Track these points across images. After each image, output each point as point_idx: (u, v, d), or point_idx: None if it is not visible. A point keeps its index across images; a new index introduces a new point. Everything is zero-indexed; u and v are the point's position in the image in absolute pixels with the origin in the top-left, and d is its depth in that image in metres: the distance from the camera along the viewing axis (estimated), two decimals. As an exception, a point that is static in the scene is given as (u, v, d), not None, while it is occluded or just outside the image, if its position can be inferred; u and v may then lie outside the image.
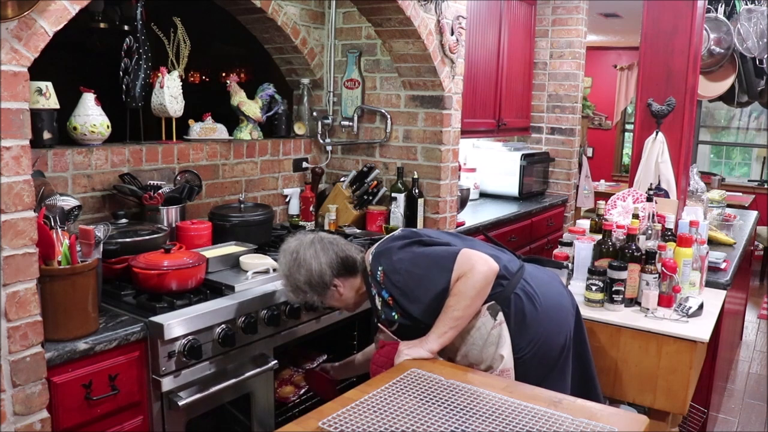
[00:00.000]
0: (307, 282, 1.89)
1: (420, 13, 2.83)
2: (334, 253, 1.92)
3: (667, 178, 3.16)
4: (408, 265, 1.84)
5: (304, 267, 1.89)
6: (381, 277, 1.86)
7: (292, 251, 1.92)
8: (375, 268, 1.88)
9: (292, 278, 1.90)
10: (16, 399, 1.50)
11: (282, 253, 1.95)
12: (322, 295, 1.93)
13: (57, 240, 1.67)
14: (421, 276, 1.82)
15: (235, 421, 2.11)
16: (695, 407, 2.75)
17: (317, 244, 1.92)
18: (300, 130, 3.23)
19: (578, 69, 4.82)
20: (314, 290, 1.90)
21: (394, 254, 1.87)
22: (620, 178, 8.41)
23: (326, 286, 1.91)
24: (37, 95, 2.10)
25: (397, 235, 1.95)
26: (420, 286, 1.81)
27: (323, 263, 1.89)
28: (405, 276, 1.83)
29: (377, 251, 1.91)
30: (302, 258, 1.89)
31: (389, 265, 1.86)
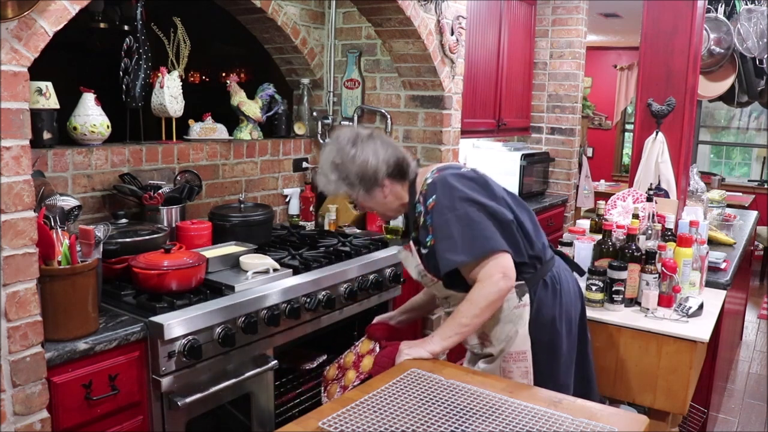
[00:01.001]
0: (360, 174, 1.80)
1: (420, 13, 2.83)
2: (393, 153, 1.85)
3: (667, 178, 3.16)
4: (451, 218, 1.73)
5: (361, 158, 1.80)
6: (431, 205, 1.77)
7: (350, 139, 1.83)
8: (430, 192, 1.78)
9: (344, 168, 1.81)
10: (16, 399, 1.50)
11: (335, 140, 1.86)
12: (368, 192, 1.84)
13: (57, 240, 1.67)
14: (452, 236, 1.72)
15: (235, 421, 2.10)
16: (695, 407, 2.75)
17: (378, 139, 1.85)
18: (300, 130, 3.24)
19: (578, 69, 4.82)
20: (363, 184, 1.82)
21: (451, 197, 1.75)
22: (620, 178, 8.41)
23: (376, 183, 1.83)
24: (37, 95, 2.10)
25: (468, 176, 1.81)
26: (446, 243, 1.73)
27: (381, 159, 1.81)
28: (444, 224, 1.74)
29: (441, 179, 1.79)
30: (361, 149, 1.81)
31: (441, 203, 1.75)
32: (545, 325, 1.84)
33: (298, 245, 2.64)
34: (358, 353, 1.98)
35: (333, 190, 1.87)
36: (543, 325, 1.83)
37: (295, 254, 2.46)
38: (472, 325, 1.74)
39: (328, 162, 1.83)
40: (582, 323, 1.99)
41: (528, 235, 1.83)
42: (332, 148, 1.85)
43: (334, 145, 1.85)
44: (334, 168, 1.82)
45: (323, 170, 1.86)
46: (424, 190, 1.81)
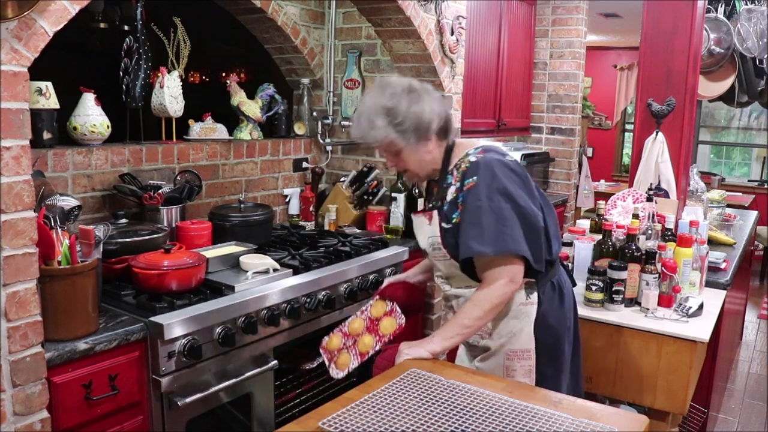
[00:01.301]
0: (414, 123, 1.72)
1: (420, 13, 2.83)
2: (444, 110, 1.78)
3: (667, 178, 3.16)
4: (485, 206, 1.67)
5: (418, 107, 1.72)
6: (469, 185, 1.71)
7: (405, 87, 1.74)
8: (471, 171, 1.72)
9: (397, 113, 1.71)
10: (16, 399, 1.50)
11: (386, 86, 1.75)
12: (414, 143, 1.75)
13: (57, 240, 1.67)
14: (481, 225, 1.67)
15: (235, 421, 2.10)
16: (695, 407, 2.75)
17: (433, 92, 1.78)
18: (300, 130, 3.23)
19: (578, 69, 4.82)
20: (413, 134, 1.73)
21: (491, 185, 1.69)
22: (620, 178, 8.41)
23: (426, 136, 1.76)
24: (37, 95, 2.10)
25: (511, 167, 1.75)
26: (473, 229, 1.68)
27: (435, 112, 1.74)
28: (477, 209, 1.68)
29: (486, 162, 1.72)
30: (419, 96, 1.73)
31: (479, 188, 1.69)
32: (550, 326, 1.82)
33: (298, 245, 2.64)
34: (370, 317, 1.87)
35: (376, 136, 1.74)
36: (548, 326, 1.82)
37: (295, 254, 2.46)
38: (474, 327, 1.74)
39: (377, 106, 1.72)
40: (576, 330, 1.99)
41: (550, 241, 1.81)
42: (382, 93, 1.73)
43: (384, 90, 1.74)
44: (385, 113, 1.71)
45: (367, 114, 1.73)
46: (464, 166, 1.74)
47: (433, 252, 1.84)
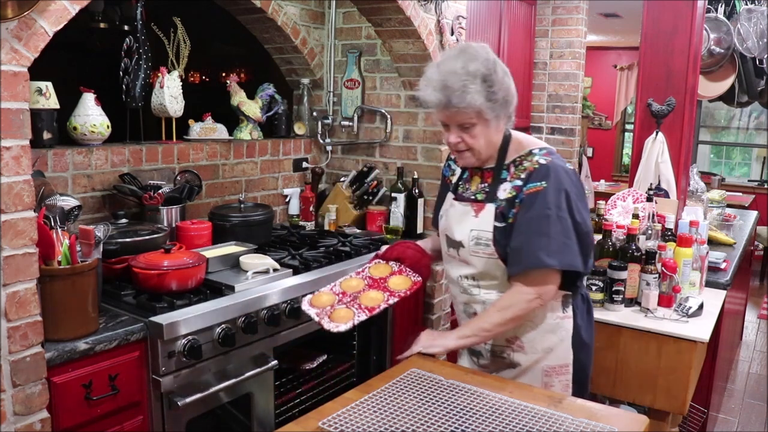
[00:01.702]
0: (505, 95, 1.64)
1: (420, 13, 2.83)
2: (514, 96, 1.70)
3: (667, 178, 3.16)
4: (556, 218, 1.60)
5: (507, 82, 1.65)
6: (537, 188, 1.62)
7: (491, 56, 1.65)
8: (540, 174, 1.63)
9: (494, 80, 1.61)
10: (16, 399, 1.50)
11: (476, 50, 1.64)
12: (496, 120, 1.65)
13: (57, 240, 1.67)
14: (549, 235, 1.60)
15: (235, 421, 2.10)
16: (695, 407, 2.75)
17: None
18: (300, 130, 3.23)
19: (578, 69, 4.82)
20: (501, 108, 1.64)
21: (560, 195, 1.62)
22: (620, 178, 8.41)
23: (507, 113, 1.68)
24: (37, 95, 2.10)
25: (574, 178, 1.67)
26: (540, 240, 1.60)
27: (513, 90, 1.68)
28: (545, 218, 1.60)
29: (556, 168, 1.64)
30: (504, 73, 1.65)
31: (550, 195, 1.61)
32: (583, 340, 1.78)
33: (298, 245, 2.64)
34: (371, 276, 1.70)
35: (470, 101, 1.58)
36: (581, 340, 1.78)
37: (295, 254, 2.46)
38: (493, 333, 1.68)
39: (473, 70, 1.59)
40: None
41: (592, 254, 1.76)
42: (474, 59, 1.61)
43: (476, 55, 1.62)
44: (483, 78, 1.59)
45: (459, 77, 1.58)
46: (531, 166, 1.65)
47: (475, 247, 1.70)
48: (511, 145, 1.74)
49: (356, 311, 1.54)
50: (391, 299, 1.57)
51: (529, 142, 1.76)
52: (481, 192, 1.74)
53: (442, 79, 1.60)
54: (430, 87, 1.62)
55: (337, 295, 1.59)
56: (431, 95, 1.62)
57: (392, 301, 1.57)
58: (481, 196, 1.74)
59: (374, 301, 1.57)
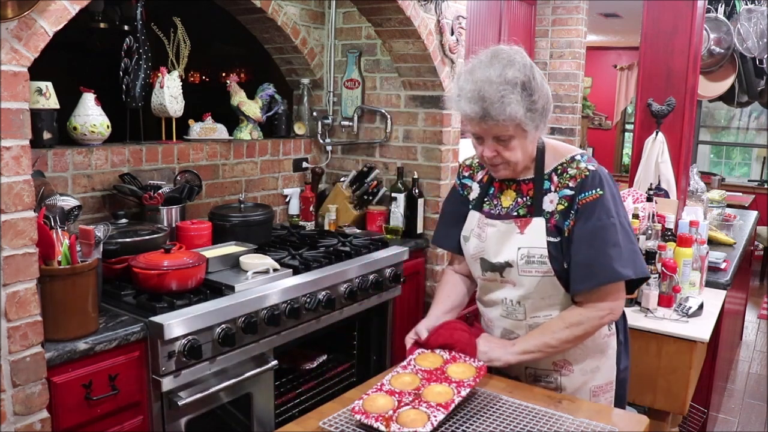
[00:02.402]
0: (545, 102, 1.51)
1: (420, 13, 2.83)
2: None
3: (667, 178, 3.16)
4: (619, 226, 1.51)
5: (545, 89, 1.52)
6: (593, 197, 1.50)
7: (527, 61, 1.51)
8: (594, 182, 1.52)
9: (534, 88, 1.48)
10: (16, 399, 1.50)
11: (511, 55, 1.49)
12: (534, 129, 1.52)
13: (57, 240, 1.67)
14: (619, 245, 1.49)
15: (235, 421, 2.10)
16: (695, 407, 2.75)
17: None
18: (300, 130, 3.23)
19: (578, 69, 4.82)
20: (541, 116, 1.51)
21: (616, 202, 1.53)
22: (620, 178, 8.39)
23: (545, 121, 1.54)
24: (37, 95, 2.10)
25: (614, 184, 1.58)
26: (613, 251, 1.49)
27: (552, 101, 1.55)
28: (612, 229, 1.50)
29: (605, 176, 1.55)
30: (542, 79, 1.52)
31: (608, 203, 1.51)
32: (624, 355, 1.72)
33: (298, 245, 2.64)
34: (422, 369, 1.50)
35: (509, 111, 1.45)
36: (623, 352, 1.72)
37: (295, 254, 2.46)
38: (559, 349, 1.57)
39: (512, 78, 1.45)
40: None
41: None
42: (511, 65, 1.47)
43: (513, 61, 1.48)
44: (522, 87, 1.46)
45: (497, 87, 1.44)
46: (582, 175, 1.53)
47: (527, 266, 1.57)
48: (547, 152, 1.61)
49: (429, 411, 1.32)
50: (463, 390, 1.39)
51: (565, 148, 1.64)
52: (522, 207, 1.61)
53: (477, 89, 1.46)
54: (464, 98, 1.48)
55: (394, 396, 1.39)
56: (466, 107, 1.48)
57: (464, 392, 1.39)
58: (523, 210, 1.60)
59: (445, 396, 1.37)
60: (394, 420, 1.30)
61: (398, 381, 1.45)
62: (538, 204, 1.57)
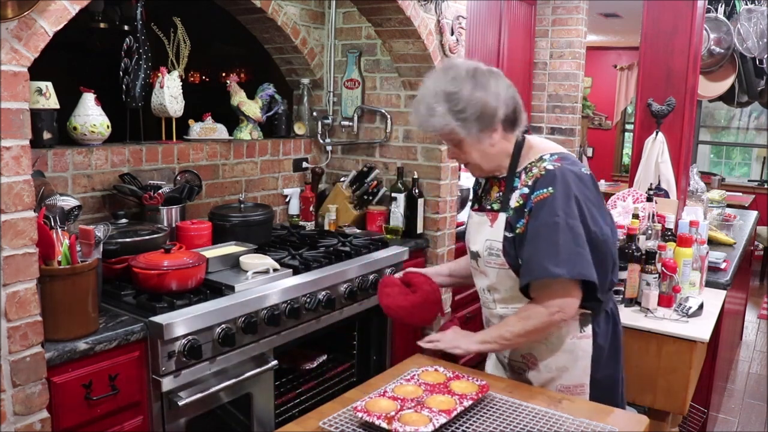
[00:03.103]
0: (479, 109, 1.55)
1: (420, 13, 2.83)
2: (513, 98, 1.62)
3: (667, 178, 3.16)
4: (563, 224, 1.53)
5: (482, 93, 1.55)
6: (544, 195, 1.56)
7: (469, 70, 1.58)
8: (547, 181, 1.57)
9: (459, 99, 1.54)
10: (16, 399, 1.50)
11: (449, 68, 1.61)
12: (480, 133, 1.59)
13: (57, 240, 1.67)
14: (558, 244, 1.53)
15: (235, 421, 2.11)
16: (695, 407, 2.75)
17: (501, 77, 1.61)
18: (300, 130, 3.23)
19: (578, 69, 4.82)
20: (478, 123, 1.56)
21: (568, 201, 1.55)
22: (620, 178, 8.41)
23: (491, 125, 1.58)
24: (37, 95, 2.10)
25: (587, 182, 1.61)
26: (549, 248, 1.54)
27: (501, 99, 1.58)
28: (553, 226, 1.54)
29: (563, 173, 1.57)
30: (485, 81, 1.57)
31: (557, 202, 1.54)
32: (604, 357, 1.70)
33: (298, 245, 2.64)
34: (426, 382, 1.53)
35: (435, 124, 1.57)
36: (602, 357, 1.70)
37: (295, 254, 2.46)
38: (513, 343, 1.65)
39: (438, 91, 1.56)
40: None
41: (615, 265, 1.69)
42: (445, 76, 1.58)
43: (447, 73, 1.58)
44: (447, 98, 1.55)
45: (426, 100, 1.58)
46: (538, 173, 1.59)
47: (489, 257, 1.67)
48: (524, 150, 1.67)
49: (431, 415, 1.36)
50: (465, 401, 1.43)
51: (543, 147, 1.68)
52: (496, 201, 1.70)
53: (416, 103, 1.62)
54: (412, 111, 1.64)
55: (397, 401, 1.43)
56: (411, 119, 1.66)
57: (466, 403, 1.42)
58: (497, 205, 1.69)
59: (447, 404, 1.41)
60: (396, 419, 1.33)
61: (401, 390, 1.48)
62: (506, 200, 1.66)
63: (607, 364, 1.71)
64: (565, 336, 1.67)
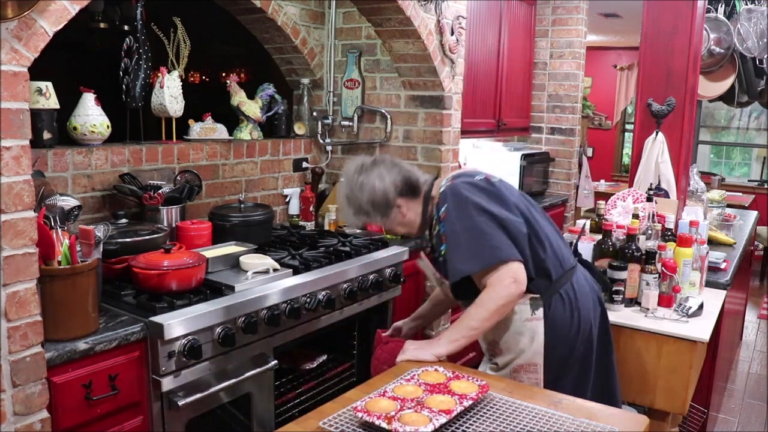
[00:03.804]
0: (371, 201, 1.85)
1: (420, 13, 2.83)
2: (398, 173, 1.88)
3: (667, 178, 3.16)
4: (460, 227, 1.74)
5: (368, 186, 1.85)
6: (443, 215, 1.78)
7: (355, 170, 1.89)
8: (442, 201, 1.80)
9: (355, 199, 1.86)
10: (16, 399, 1.50)
11: (344, 174, 1.93)
12: (386, 216, 1.88)
13: (57, 240, 1.67)
14: (461, 245, 1.73)
15: (235, 421, 2.10)
16: (695, 407, 2.75)
17: (381, 164, 1.88)
18: (300, 130, 3.23)
19: (578, 69, 4.82)
20: (378, 210, 1.86)
21: (461, 206, 1.76)
22: (620, 178, 8.41)
23: (390, 205, 1.86)
24: (37, 95, 2.10)
25: (479, 185, 1.80)
26: (456, 252, 1.75)
27: (387, 182, 1.85)
28: (454, 233, 1.75)
29: (453, 187, 1.80)
30: (366, 177, 1.85)
31: (451, 212, 1.77)
32: (559, 340, 1.81)
33: (298, 245, 2.64)
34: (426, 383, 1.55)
35: (356, 222, 1.93)
36: (557, 340, 1.81)
37: (295, 254, 2.46)
38: (481, 328, 1.74)
39: (343, 197, 1.90)
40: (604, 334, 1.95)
41: (545, 247, 1.81)
42: (343, 183, 1.91)
43: (344, 180, 1.91)
44: (348, 202, 1.88)
45: (342, 207, 1.92)
46: (438, 198, 1.83)
47: (443, 287, 1.98)
48: (433, 192, 1.90)
49: (431, 415, 1.36)
50: (465, 401, 1.44)
51: (443, 179, 1.89)
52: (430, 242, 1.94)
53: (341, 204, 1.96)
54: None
55: (397, 401, 1.44)
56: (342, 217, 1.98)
57: (467, 403, 1.43)
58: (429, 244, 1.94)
59: (447, 404, 1.42)
60: (396, 419, 1.34)
61: (401, 390, 1.50)
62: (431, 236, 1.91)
63: (558, 345, 1.81)
64: (517, 319, 1.80)
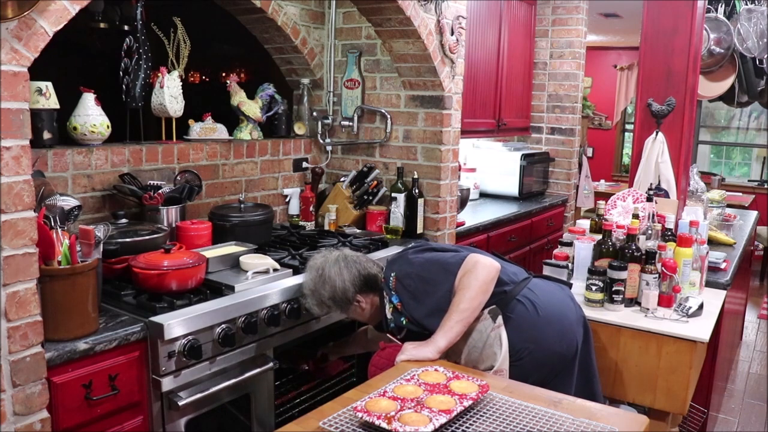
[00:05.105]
0: (332, 298, 2.02)
1: (420, 13, 2.83)
2: (357, 271, 2.04)
3: (667, 178, 3.16)
4: (419, 269, 1.94)
5: (329, 284, 2.01)
6: (393, 283, 1.96)
7: (317, 268, 2.05)
8: (388, 275, 1.99)
9: (318, 293, 2.03)
10: (16, 399, 1.50)
11: (308, 269, 2.09)
12: (345, 309, 2.06)
13: (57, 240, 1.67)
14: (429, 279, 1.91)
15: (235, 421, 2.11)
16: (695, 407, 2.75)
17: (341, 262, 2.04)
18: (300, 130, 3.23)
19: (578, 69, 4.82)
20: (338, 305, 2.04)
21: (406, 260, 1.99)
22: (620, 178, 8.41)
23: (349, 301, 2.03)
24: (37, 95, 2.10)
25: (410, 246, 2.10)
26: (428, 289, 1.90)
27: (347, 280, 2.01)
28: (415, 279, 1.93)
29: (391, 259, 2.05)
30: (327, 275, 2.02)
31: (401, 270, 1.97)
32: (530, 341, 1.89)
33: (298, 245, 2.64)
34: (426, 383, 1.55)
35: (318, 312, 2.10)
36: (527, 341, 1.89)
37: (295, 254, 2.46)
38: (471, 308, 1.83)
39: (307, 290, 2.07)
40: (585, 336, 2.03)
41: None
42: (306, 277, 2.08)
43: (308, 275, 2.08)
44: (311, 294, 2.05)
45: (306, 296, 2.08)
46: (384, 278, 2.01)
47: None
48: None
49: (431, 415, 1.37)
50: (465, 401, 1.44)
51: None
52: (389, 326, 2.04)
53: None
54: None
55: (397, 401, 1.44)
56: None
57: (467, 403, 1.44)
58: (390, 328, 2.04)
59: (447, 404, 1.42)
60: (396, 419, 1.34)
61: (401, 390, 1.50)
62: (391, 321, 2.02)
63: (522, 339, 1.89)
64: (485, 334, 1.88)
